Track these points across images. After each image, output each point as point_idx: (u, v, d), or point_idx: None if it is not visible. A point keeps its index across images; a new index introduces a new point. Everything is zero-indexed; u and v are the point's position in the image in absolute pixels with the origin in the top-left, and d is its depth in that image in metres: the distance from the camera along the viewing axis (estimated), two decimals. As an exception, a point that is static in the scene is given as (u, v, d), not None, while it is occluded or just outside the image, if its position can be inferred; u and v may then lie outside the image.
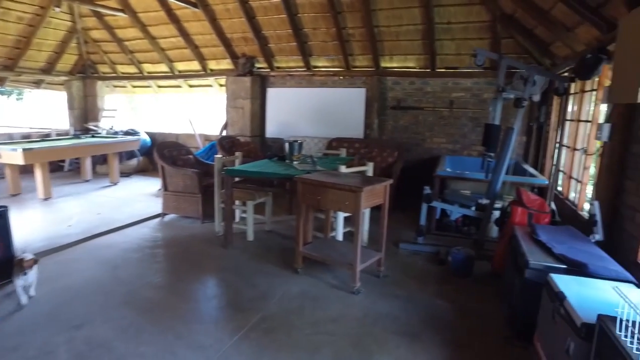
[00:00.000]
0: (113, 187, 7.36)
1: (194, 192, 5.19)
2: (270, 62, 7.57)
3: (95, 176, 8.05)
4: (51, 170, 7.25)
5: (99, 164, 8.43)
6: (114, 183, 7.52)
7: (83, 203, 6.18)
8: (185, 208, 5.30)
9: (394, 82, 6.96)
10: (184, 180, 5.23)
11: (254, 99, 7.55)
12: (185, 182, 5.22)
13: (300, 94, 7.51)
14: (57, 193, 6.65)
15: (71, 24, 8.36)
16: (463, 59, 6.44)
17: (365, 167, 4.35)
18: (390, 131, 7.10)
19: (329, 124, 7.34)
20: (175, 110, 10.25)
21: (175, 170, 5.23)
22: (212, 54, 7.95)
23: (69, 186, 7.34)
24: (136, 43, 8.36)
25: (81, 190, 7.04)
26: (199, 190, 5.15)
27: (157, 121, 10.50)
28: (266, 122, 7.86)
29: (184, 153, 5.75)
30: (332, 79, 7.34)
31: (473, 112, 6.63)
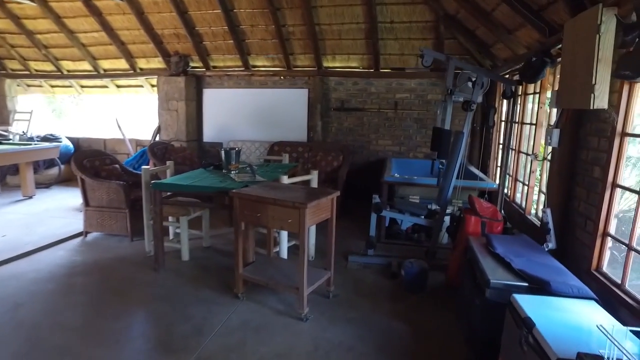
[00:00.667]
0: (27, 201, 6.49)
1: (120, 207, 4.61)
2: (205, 61, 7.05)
3: (4, 189, 7.10)
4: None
5: (10, 174, 7.45)
6: (28, 197, 6.64)
7: None
8: (111, 225, 4.70)
9: (337, 82, 6.72)
10: (108, 193, 4.63)
11: (189, 101, 6.99)
12: (110, 196, 4.63)
13: (239, 95, 7.06)
14: None
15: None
16: (407, 59, 6.31)
17: (309, 175, 4.03)
18: (335, 134, 6.85)
19: (270, 126, 6.96)
20: (103, 112, 9.38)
21: (98, 183, 4.62)
22: (141, 51, 7.27)
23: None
24: (51, 37, 7.45)
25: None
26: (126, 204, 4.58)
27: (82, 125, 9.55)
28: (203, 125, 7.32)
29: (108, 162, 5.12)
30: (273, 79, 6.96)
31: (418, 113, 6.54)
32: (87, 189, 4.71)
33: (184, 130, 6.98)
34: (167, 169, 4.53)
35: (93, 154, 5.02)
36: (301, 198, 2.94)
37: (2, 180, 7.50)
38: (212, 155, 6.98)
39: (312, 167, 6.19)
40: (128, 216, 4.61)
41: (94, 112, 9.02)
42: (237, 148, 4.25)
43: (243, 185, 3.42)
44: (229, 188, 3.36)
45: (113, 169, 5.04)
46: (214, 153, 7.11)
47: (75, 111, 9.57)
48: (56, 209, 6.04)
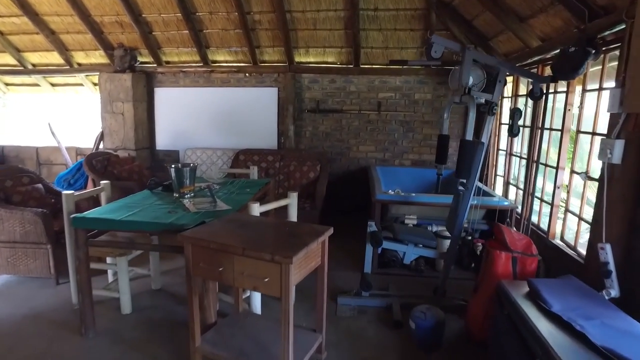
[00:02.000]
0: None
1: (39, 242, 3.56)
2: (156, 55, 5.99)
3: None
4: None
5: None
6: None
7: None
8: (28, 265, 3.63)
9: (312, 80, 5.84)
10: (22, 224, 3.56)
11: (137, 102, 5.92)
12: (26, 228, 3.56)
13: (198, 95, 6.05)
14: None
15: None
16: (391, 53, 5.52)
17: (287, 200, 3.14)
18: (309, 139, 5.98)
19: (234, 132, 6.00)
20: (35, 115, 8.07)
21: (7, 211, 3.54)
22: (77, 43, 6.12)
23: None
24: (-38, 26, 6.18)
25: None
26: (48, 238, 3.53)
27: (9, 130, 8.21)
28: (155, 130, 6.27)
29: (27, 182, 4.03)
30: (236, 76, 5.99)
31: (404, 115, 5.77)
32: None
33: (132, 136, 5.90)
34: (100, 192, 3.52)
35: (3, 172, 3.92)
36: (282, 246, 2.06)
37: None
38: (159, 174, 5.94)
39: (285, 180, 5.30)
40: (50, 253, 3.57)
41: (24, 115, 7.70)
42: (192, 164, 3.29)
43: (199, 221, 2.48)
44: (178, 225, 2.42)
45: (32, 190, 3.95)
46: (167, 163, 6.08)
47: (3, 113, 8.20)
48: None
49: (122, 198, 3.15)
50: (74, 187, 5.33)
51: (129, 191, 4.62)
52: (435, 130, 5.76)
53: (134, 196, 3.25)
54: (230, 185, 3.72)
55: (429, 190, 5.52)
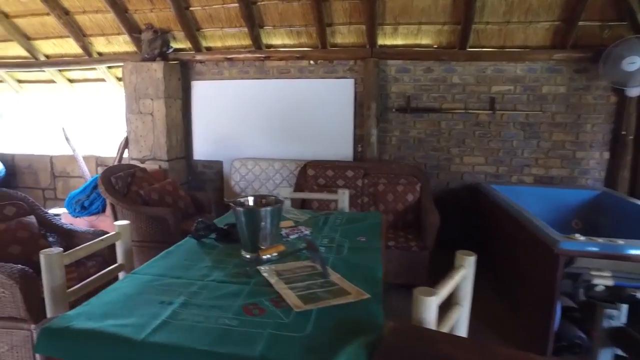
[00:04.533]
0: None
1: (18, 318, 2.20)
2: (195, 38, 4.63)
3: None
4: None
5: None
6: None
7: None
8: (3, 355, 2.28)
9: (400, 68, 4.36)
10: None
11: (170, 99, 4.58)
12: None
13: (247, 90, 4.66)
14: None
15: None
16: (512, 31, 4.00)
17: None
18: (396, 147, 4.49)
19: (296, 137, 4.57)
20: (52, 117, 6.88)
21: (-31, 268, 2.20)
22: (96, 25, 4.84)
23: None
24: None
25: None
26: (30, 313, 2.17)
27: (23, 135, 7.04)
28: (193, 136, 4.91)
29: (12, 214, 2.68)
30: (298, 64, 4.57)
31: (526, 116, 4.22)
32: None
33: (163, 143, 4.56)
34: (115, 240, 2.12)
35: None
36: None
37: None
38: (202, 184, 4.58)
39: (371, 203, 3.83)
40: (34, 338, 2.19)
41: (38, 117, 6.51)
42: (275, 199, 1.86)
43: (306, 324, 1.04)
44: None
45: (17, 228, 2.59)
46: (209, 178, 4.71)
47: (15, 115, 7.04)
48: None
49: (148, 264, 1.73)
50: (88, 212, 4.02)
51: (160, 224, 3.25)
52: (570, 135, 4.18)
53: (168, 255, 1.83)
54: (323, 225, 2.27)
55: (568, 220, 3.96)
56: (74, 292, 1.79)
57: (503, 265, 3.45)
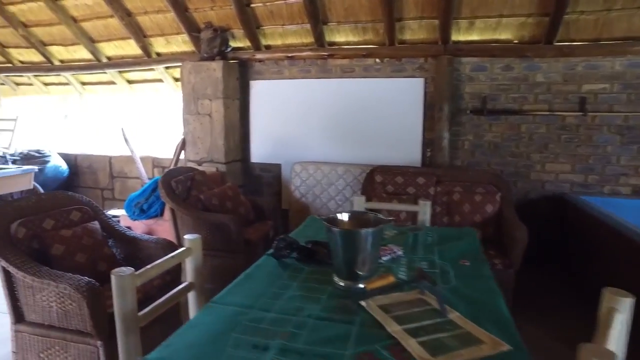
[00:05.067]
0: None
1: (84, 332, 2.06)
2: (254, 36, 4.46)
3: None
4: None
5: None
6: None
7: None
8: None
9: (475, 66, 3.99)
10: (60, 298, 2.09)
11: (229, 99, 4.44)
12: (64, 305, 2.08)
13: (308, 90, 4.44)
14: None
15: None
16: (612, 21, 3.52)
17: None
18: (469, 152, 4.11)
19: (360, 140, 4.30)
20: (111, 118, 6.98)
21: (38, 280, 2.08)
22: (156, 25, 4.78)
23: None
24: (28, 9, 5.10)
25: None
26: (96, 328, 2.02)
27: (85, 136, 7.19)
28: (251, 137, 4.74)
29: (77, 219, 2.57)
30: (364, 62, 4.29)
31: (625, 118, 3.73)
32: (18, 289, 2.20)
33: (221, 145, 4.42)
34: (185, 257, 1.92)
35: (42, 204, 2.48)
36: None
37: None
38: (266, 183, 4.38)
39: (445, 213, 3.49)
40: (102, 354, 2.05)
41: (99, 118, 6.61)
42: (376, 218, 1.59)
43: None
44: None
45: (83, 234, 2.47)
46: (266, 182, 4.51)
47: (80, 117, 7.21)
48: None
49: (228, 290, 1.51)
50: (147, 215, 3.92)
51: (221, 231, 3.07)
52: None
53: (249, 279, 1.61)
54: (414, 243, 1.98)
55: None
56: (144, 317, 1.60)
57: (599, 284, 3.01)
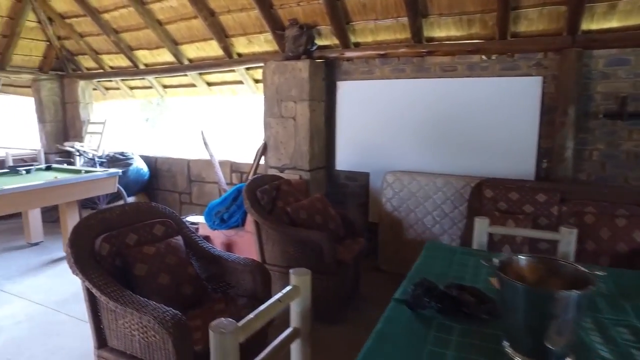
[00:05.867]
0: (59, 265, 4.14)
1: (168, 371, 1.78)
2: (343, 32, 4.09)
3: (51, 233, 4.93)
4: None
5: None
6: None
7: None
8: (148, 408, 1.88)
9: (612, 60, 3.30)
10: (142, 330, 1.83)
11: (314, 102, 4.11)
12: (147, 337, 1.82)
13: (402, 91, 3.99)
14: None
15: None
16: None
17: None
18: (598, 165, 3.43)
19: (462, 148, 3.77)
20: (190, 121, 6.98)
21: (122, 307, 1.83)
22: (239, 24, 4.58)
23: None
24: (119, 15, 5.15)
25: (2, 272, 3.90)
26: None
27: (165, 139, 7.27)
28: (336, 143, 4.38)
29: (161, 233, 2.33)
30: (468, 59, 3.76)
31: None
32: (101, 311, 1.98)
33: (305, 151, 4.09)
34: (294, 297, 1.54)
35: (126, 216, 2.26)
36: None
37: (55, 219, 5.34)
38: (351, 193, 3.98)
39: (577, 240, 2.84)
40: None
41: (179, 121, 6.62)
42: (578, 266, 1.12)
43: None
44: None
45: (167, 251, 2.21)
46: (352, 192, 4.12)
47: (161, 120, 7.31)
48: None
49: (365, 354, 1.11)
50: (227, 225, 3.68)
51: (311, 249, 2.71)
52: None
53: (384, 340, 1.20)
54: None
55: None
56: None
57: None
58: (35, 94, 6.48)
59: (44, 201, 4.05)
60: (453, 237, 3.59)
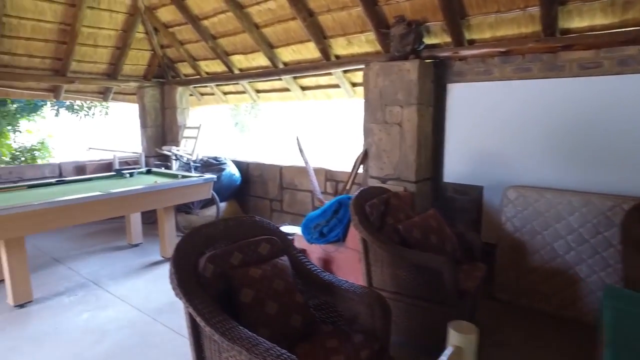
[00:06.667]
0: (159, 268, 4.15)
1: None
2: (457, 28, 3.63)
3: (149, 235, 5.07)
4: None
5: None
6: (168, 258, 4.33)
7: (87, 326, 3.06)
8: None
9: None
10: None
11: (423, 106, 3.69)
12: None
13: (528, 94, 3.43)
14: (55, 286, 3.71)
15: (131, 1, 5.53)
16: None
17: None
18: None
19: (607, 161, 3.12)
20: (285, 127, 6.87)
21: (228, 343, 1.59)
22: (338, 24, 4.32)
23: (93, 258, 4.38)
24: (218, 21, 5.17)
25: (106, 273, 4.00)
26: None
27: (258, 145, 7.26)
28: (445, 152, 3.92)
29: (266, 252, 2.08)
30: (620, 52, 3.10)
31: None
32: (203, 339, 1.76)
33: (412, 161, 3.69)
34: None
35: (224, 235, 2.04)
36: None
37: (152, 220, 5.49)
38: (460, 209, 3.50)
39: None
40: None
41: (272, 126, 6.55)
42: None
43: None
44: None
45: (273, 273, 1.95)
46: (461, 207, 3.63)
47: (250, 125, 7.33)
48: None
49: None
50: (326, 239, 3.40)
51: (428, 275, 2.31)
52: None
53: None
54: None
55: None
56: None
57: None
58: (139, 100, 6.81)
59: (145, 205, 4.10)
60: (595, 269, 2.97)
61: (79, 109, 9.22)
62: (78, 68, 5.93)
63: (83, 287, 3.75)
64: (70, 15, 5.25)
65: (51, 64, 5.72)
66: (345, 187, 4.18)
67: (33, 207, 3.18)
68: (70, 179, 4.65)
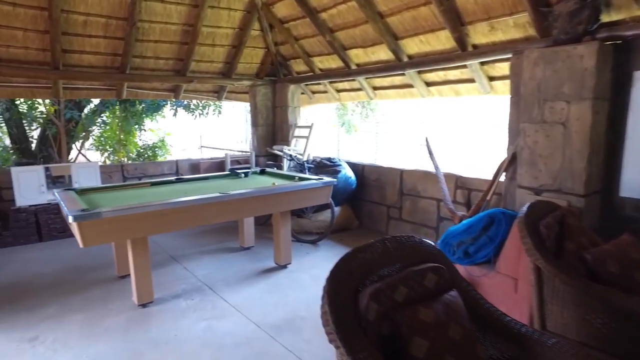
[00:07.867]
0: (278, 275, 3.94)
1: None
2: (651, 1, 2.84)
3: (260, 237, 4.93)
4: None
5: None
6: (282, 265, 4.10)
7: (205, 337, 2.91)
8: None
9: None
10: None
11: (598, 101, 2.94)
12: None
13: None
14: (173, 286, 3.67)
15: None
16: None
17: None
18: None
19: None
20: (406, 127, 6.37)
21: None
22: (481, 7, 3.71)
23: (206, 259, 4.32)
24: (337, 12, 4.84)
25: (220, 277, 3.88)
26: None
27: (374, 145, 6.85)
28: (623, 159, 3.11)
29: (432, 285, 1.63)
30: None
31: None
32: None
33: (581, 168, 2.97)
34: None
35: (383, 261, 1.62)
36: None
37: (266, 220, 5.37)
38: None
39: None
40: None
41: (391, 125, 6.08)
42: None
43: None
44: None
45: (449, 318, 1.49)
46: None
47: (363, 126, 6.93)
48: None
49: None
50: (472, 260, 2.85)
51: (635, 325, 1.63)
52: None
53: None
54: None
55: None
56: None
57: None
58: (251, 99, 6.80)
59: (264, 209, 3.92)
60: None
61: (194, 108, 9.64)
62: (196, 68, 6.06)
63: (199, 291, 3.65)
64: (193, 16, 5.33)
65: (173, 64, 5.90)
66: (484, 197, 3.56)
67: (170, 206, 3.17)
68: (188, 177, 4.68)
